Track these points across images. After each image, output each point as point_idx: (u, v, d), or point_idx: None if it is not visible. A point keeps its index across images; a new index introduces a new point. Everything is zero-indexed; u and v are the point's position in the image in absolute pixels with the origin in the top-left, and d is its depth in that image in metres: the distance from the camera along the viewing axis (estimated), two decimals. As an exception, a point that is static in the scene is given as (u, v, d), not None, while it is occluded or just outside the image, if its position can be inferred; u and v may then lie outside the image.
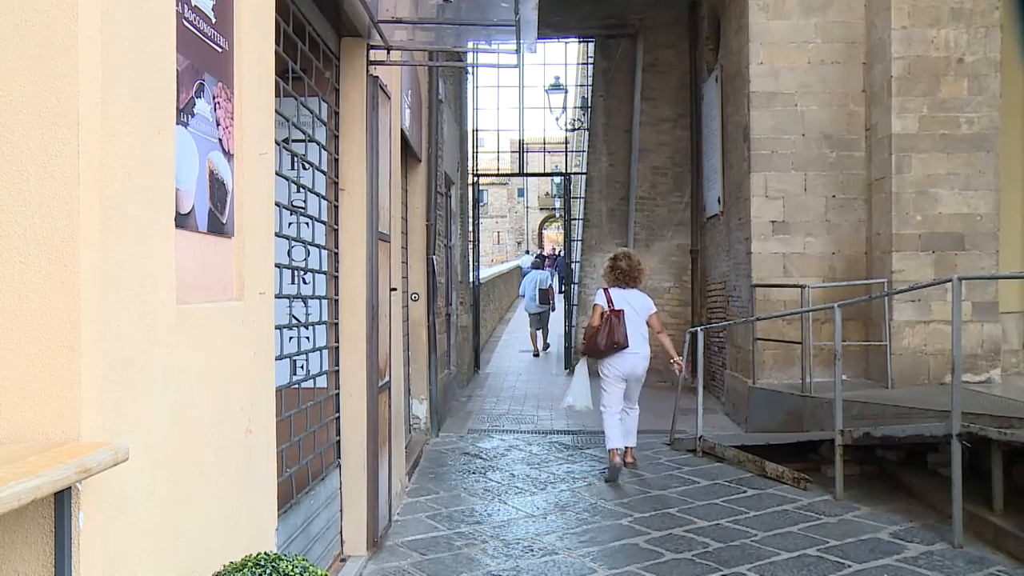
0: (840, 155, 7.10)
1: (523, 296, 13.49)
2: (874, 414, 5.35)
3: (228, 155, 2.10)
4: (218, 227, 2.05)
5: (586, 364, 6.10)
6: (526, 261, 20.62)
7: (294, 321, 3.21)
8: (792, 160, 7.14)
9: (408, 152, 6.15)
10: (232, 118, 2.12)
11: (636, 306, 5.77)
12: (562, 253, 22.04)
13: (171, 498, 1.75)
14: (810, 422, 5.99)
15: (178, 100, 1.81)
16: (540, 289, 13.02)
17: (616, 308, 5.73)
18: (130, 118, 1.58)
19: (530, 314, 13.30)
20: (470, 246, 11.37)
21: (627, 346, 5.67)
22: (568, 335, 11.55)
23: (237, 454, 2.13)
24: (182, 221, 1.84)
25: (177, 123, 1.80)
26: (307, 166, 3.30)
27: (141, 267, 1.62)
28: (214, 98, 2.02)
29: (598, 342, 5.69)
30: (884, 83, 6.64)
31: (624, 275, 5.86)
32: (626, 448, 5.83)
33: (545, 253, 26.45)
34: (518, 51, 3.84)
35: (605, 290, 5.90)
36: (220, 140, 2.06)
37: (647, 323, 5.82)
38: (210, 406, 1.97)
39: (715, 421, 7.47)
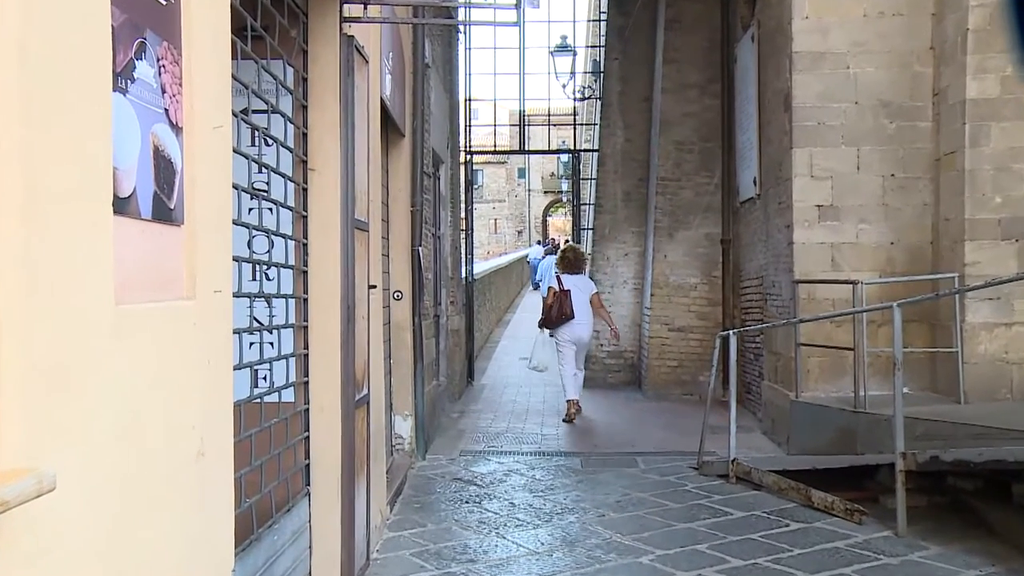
0: (901, 126, 7.09)
1: (536, 286, 14.10)
2: (943, 434, 5.33)
3: (176, 128, 2.10)
4: (165, 213, 2.04)
5: (544, 334, 9.38)
6: (536, 252, 21.16)
7: (255, 324, 3.20)
8: (843, 133, 7.14)
9: (389, 126, 6.15)
10: (180, 84, 2.11)
11: (581, 287, 9.22)
12: (563, 242, 22.12)
13: (108, 534, 1.75)
14: (865, 443, 5.99)
15: (114, 62, 1.80)
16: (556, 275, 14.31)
17: (565, 288, 9.09)
18: (55, 84, 1.57)
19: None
20: (462, 236, 11.37)
21: (574, 317, 9.03)
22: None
23: (187, 480, 2.12)
24: (121, 206, 1.83)
25: (114, 90, 1.80)
26: (270, 142, 3.29)
27: (72, 261, 1.61)
28: (158, 60, 2.02)
29: (552, 314, 9.07)
30: (958, 37, 6.60)
31: (570, 264, 9.34)
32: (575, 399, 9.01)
33: (559, 242, 26.90)
34: (518, 6, 3.84)
35: (557, 275, 9.23)
36: (166, 110, 2.05)
37: (590, 301, 9.15)
38: (155, 424, 1.96)
39: (751, 441, 7.49)
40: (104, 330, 1.72)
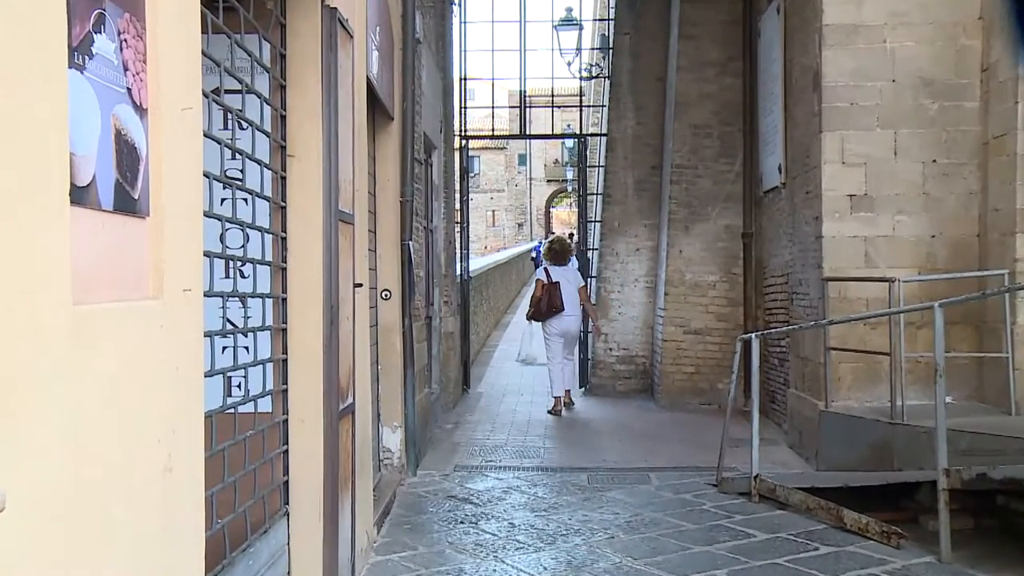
0: (944, 106, 7.08)
1: None
2: (992, 449, 5.32)
3: (140, 110, 2.09)
4: (128, 204, 2.03)
5: (533, 326, 10.60)
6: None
7: (229, 326, 3.21)
8: (878, 114, 7.13)
9: (377, 108, 6.15)
10: (144, 61, 2.11)
11: (569, 278, 10.22)
12: (574, 238, 22.21)
13: (63, 559, 1.74)
14: (903, 458, 5.99)
15: (69, 36, 1.79)
16: None
17: (554, 280, 10.09)
18: (4, 61, 1.56)
19: None
20: (457, 229, 11.38)
21: (564, 310, 10.02)
22: (584, 344, 11.59)
23: (153, 500, 2.12)
24: (80, 196, 1.82)
25: (70, 67, 1.79)
26: (245, 125, 3.29)
27: (24, 257, 1.60)
28: (119, 34, 2.01)
29: (541, 307, 10.08)
30: (1007, 7, 6.60)
31: (557, 255, 10.35)
32: (566, 391, 10.16)
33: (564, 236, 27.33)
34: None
35: (545, 268, 10.29)
36: (129, 90, 2.04)
37: (577, 292, 10.21)
38: (117, 438, 1.96)
39: (775, 455, 7.50)
40: (60, 334, 1.72)
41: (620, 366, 11.39)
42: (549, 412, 9.82)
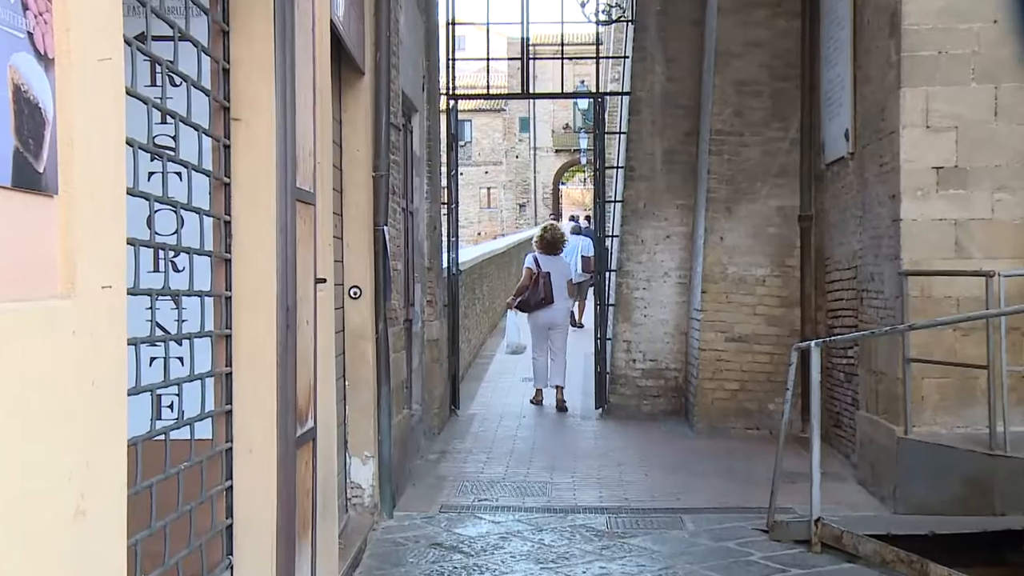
0: (1061, 55, 7.06)
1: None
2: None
3: (45, 60, 2.07)
4: (30, 179, 2.02)
5: (518, 316, 12.37)
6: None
7: (159, 332, 3.20)
8: (974, 65, 7.14)
9: (344, 60, 6.14)
10: (50, 0, 2.09)
11: (559, 269, 12.29)
12: (588, 222, 22.16)
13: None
14: (1005, 499, 6.00)
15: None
16: (583, 256, 17.74)
17: (544, 271, 11.92)
18: None
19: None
20: (444, 211, 11.38)
21: (553, 302, 11.93)
22: (601, 353, 11.59)
23: (60, 549, 2.11)
24: (-33, 168, 1.81)
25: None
26: (178, 81, 3.28)
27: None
28: (20, -36, 1.99)
29: (529, 299, 11.99)
30: None
31: (549, 244, 12.24)
32: (557, 387, 11.98)
33: (580, 218, 27.54)
34: None
35: (535, 257, 12.14)
36: (30, 35, 2.03)
37: (565, 284, 12.26)
38: (14, 473, 1.94)
39: (841, 493, 7.49)
40: (-56, 342, 1.70)
41: (646, 381, 11.40)
42: (531, 401, 12.15)
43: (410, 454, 8.28)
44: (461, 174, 12.77)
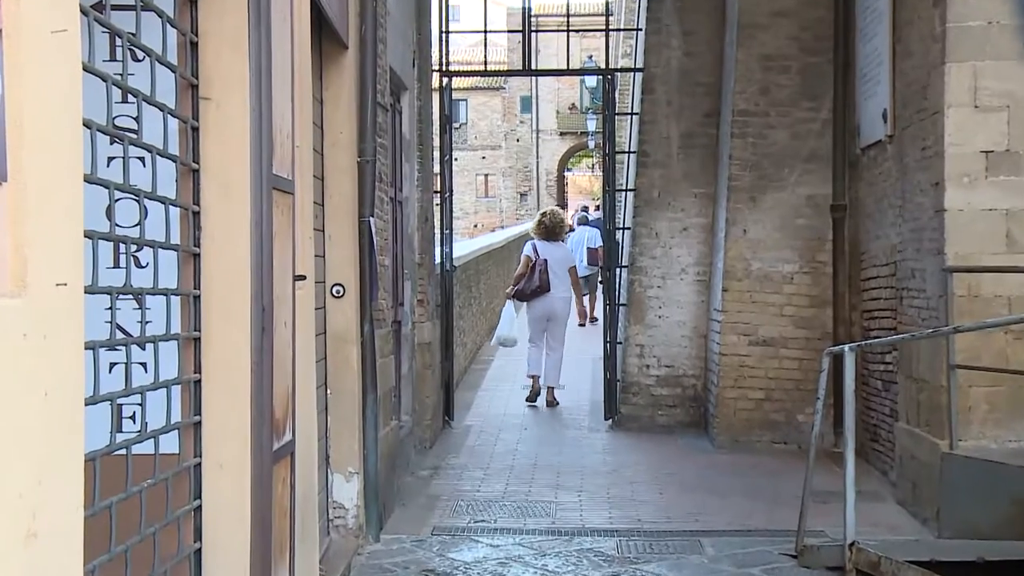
0: None
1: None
2: None
3: (-9, 30, 2.06)
4: (-26, 163, 2.01)
5: (512, 305, 13.33)
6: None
7: (120, 335, 3.19)
8: (1028, 35, 7.11)
9: (325, 33, 6.13)
10: (-2, -38, 2.08)
11: (558, 256, 12.92)
12: (597, 213, 22.27)
13: None
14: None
15: None
16: (588, 248, 18.66)
17: (542, 258, 12.59)
18: None
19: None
20: (436, 201, 11.37)
21: (549, 290, 12.56)
22: (611, 359, 11.60)
23: (10, 574, 2.10)
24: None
25: None
26: (141, 56, 3.27)
27: None
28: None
29: (525, 288, 12.66)
30: None
31: (548, 230, 12.93)
32: (548, 388, 12.74)
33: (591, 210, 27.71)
34: None
35: (534, 244, 12.91)
36: (-25, 2, 2.01)
37: (567, 272, 13.03)
38: (-40, 493, 1.93)
39: (879, 515, 7.49)
40: None
41: (661, 390, 11.39)
42: (527, 400, 12.72)
43: (399, 470, 8.28)
44: (456, 159, 12.76)
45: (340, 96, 6.57)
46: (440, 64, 11.84)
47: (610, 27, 12.75)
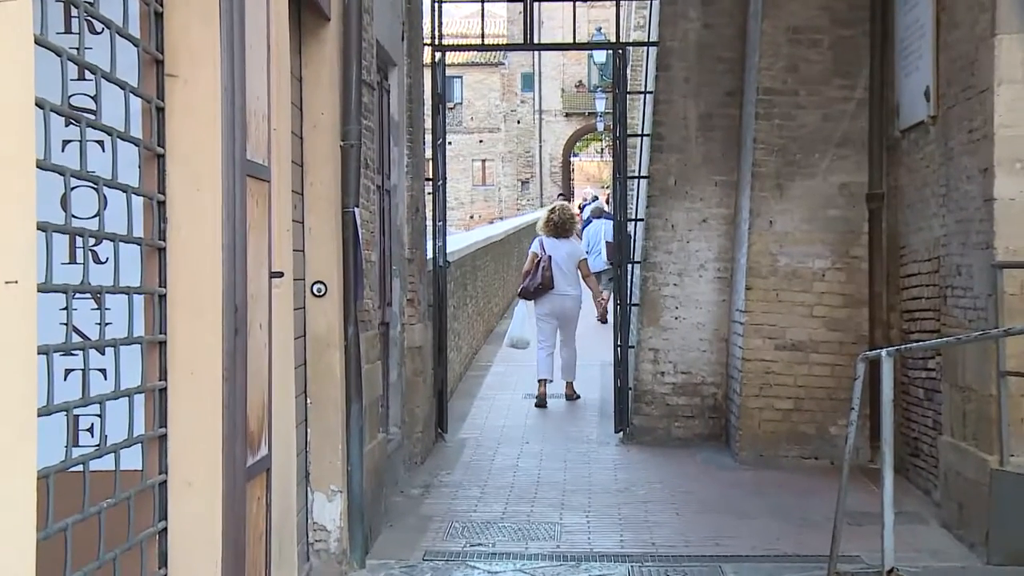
0: None
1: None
2: None
3: (-69, -4, 2.04)
4: (-90, 146, 1.99)
5: (524, 305, 14.11)
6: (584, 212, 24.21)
7: (76, 339, 3.18)
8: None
9: (305, 3, 6.12)
10: (-61, -80, 2.06)
11: (565, 252, 13.64)
12: (606, 202, 22.29)
13: None
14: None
15: None
16: (607, 242, 18.76)
17: (548, 254, 13.34)
18: None
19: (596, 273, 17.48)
20: (428, 189, 11.38)
21: (554, 287, 13.26)
22: (622, 365, 11.61)
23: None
24: None
25: None
26: (100, 27, 3.27)
27: None
28: None
29: (529, 285, 13.45)
30: None
31: (557, 227, 13.69)
32: (567, 382, 13.68)
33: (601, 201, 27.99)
34: None
35: (540, 241, 13.66)
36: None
37: (577, 268, 13.75)
38: None
39: (920, 538, 7.52)
40: None
41: (678, 398, 11.41)
42: (536, 405, 13.25)
43: (387, 488, 8.29)
44: (450, 143, 12.81)
45: (321, 73, 6.58)
46: (432, 37, 11.88)
47: (621, -3, 12.74)
